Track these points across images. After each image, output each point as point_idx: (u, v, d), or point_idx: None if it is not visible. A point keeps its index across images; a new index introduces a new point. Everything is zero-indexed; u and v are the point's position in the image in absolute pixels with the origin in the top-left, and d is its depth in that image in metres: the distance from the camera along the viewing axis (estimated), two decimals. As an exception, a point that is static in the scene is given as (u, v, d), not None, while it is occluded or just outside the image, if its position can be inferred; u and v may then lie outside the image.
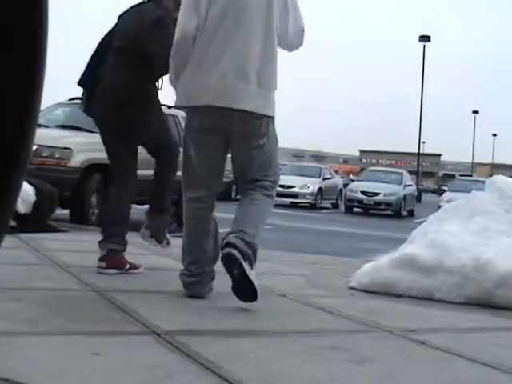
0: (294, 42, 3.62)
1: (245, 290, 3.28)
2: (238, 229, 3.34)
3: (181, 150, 4.01)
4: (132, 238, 6.92)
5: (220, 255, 3.39)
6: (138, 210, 11.85)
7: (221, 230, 3.71)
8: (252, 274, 3.24)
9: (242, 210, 3.51)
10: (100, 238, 4.39)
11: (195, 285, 3.61)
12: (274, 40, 3.47)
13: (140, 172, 4.56)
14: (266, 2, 3.44)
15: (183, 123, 11.41)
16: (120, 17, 4.50)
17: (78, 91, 4.68)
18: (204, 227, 3.64)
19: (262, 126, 3.46)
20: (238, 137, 3.47)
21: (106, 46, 4.40)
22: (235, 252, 3.20)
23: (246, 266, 3.20)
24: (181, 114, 10.37)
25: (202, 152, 3.54)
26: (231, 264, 3.23)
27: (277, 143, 3.64)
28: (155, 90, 4.37)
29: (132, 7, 4.49)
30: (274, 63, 3.50)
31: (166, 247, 4.75)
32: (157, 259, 5.37)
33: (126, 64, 4.22)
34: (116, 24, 4.48)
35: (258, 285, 3.29)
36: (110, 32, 4.48)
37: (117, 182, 4.42)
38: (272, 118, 3.51)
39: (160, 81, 4.37)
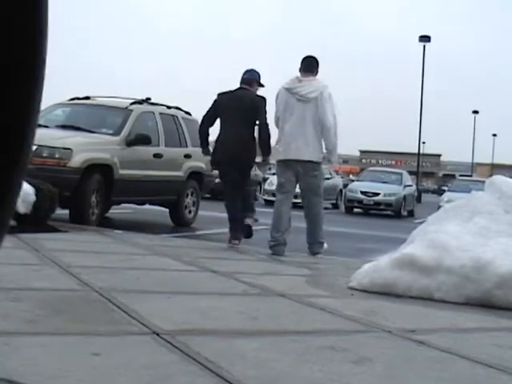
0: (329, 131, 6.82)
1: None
2: (310, 240, 6.84)
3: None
4: (136, 238, 6.93)
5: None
6: (142, 211, 11.78)
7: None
8: (321, 253, 6.80)
9: (310, 222, 6.86)
10: None
11: (276, 246, 6.61)
12: (318, 127, 6.69)
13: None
14: (314, 106, 6.63)
15: (182, 122, 11.71)
16: (221, 98, 7.07)
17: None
18: (284, 214, 6.75)
19: (315, 166, 6.79)
20: (304, 171, 6.77)
21: (209, 118, 7.14)
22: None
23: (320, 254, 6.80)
24: (181, 114, 10.49)
25: (286, 178, 6.85)
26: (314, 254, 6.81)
27: (323, 176, 7.15)
28: (256, 141, 7.17)
29: (230, 92, 7.08)
30: (319, 137, 6.74)
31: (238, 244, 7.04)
32: (157, 259, 5.38)
33: (244, 127, 6.97)
34: (216, 101, 7.10)
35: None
36: (212, 107, 7.12)
37: (233, 193, 7.04)
38: (320, 162, 6.83)
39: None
